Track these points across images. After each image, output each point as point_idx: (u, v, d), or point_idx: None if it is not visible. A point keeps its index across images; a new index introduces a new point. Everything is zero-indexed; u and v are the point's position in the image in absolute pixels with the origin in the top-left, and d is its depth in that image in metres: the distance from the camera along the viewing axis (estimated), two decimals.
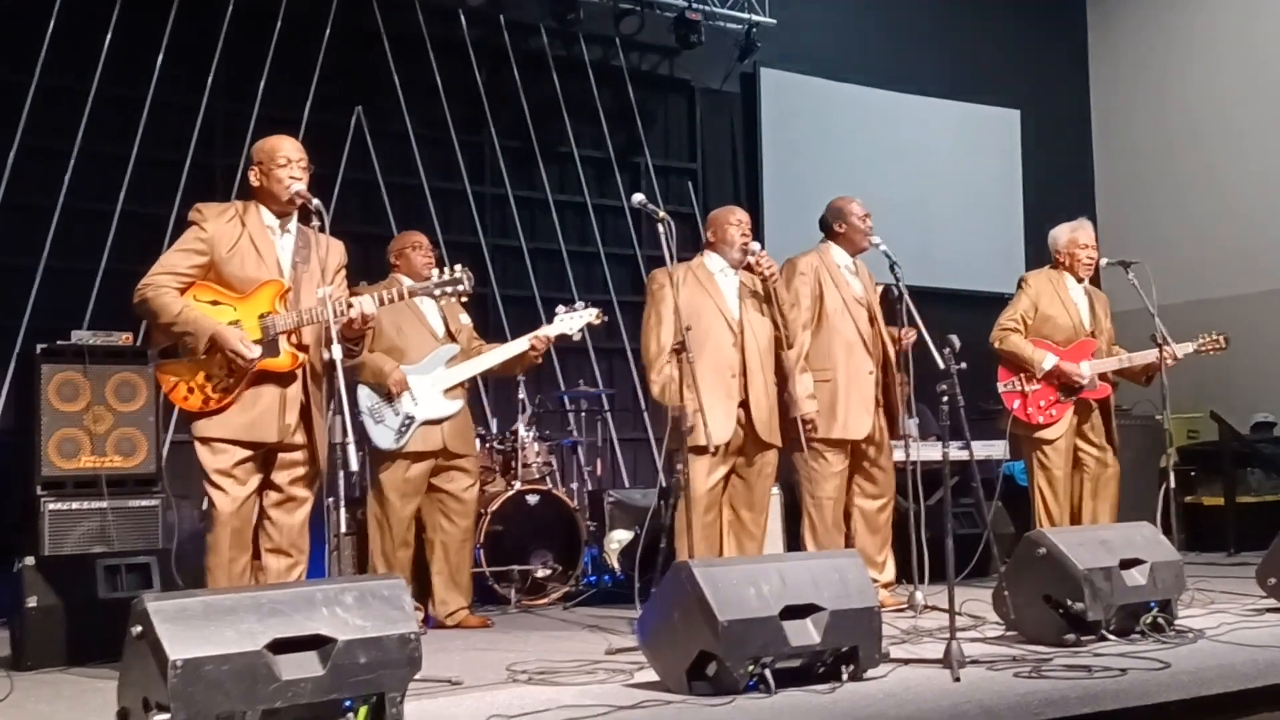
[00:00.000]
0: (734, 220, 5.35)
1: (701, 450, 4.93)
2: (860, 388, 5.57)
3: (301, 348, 4.24)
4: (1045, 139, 10.57)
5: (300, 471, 4.27)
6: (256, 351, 4.12)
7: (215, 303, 4.20)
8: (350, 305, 4.11)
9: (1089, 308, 6.13)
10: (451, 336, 5.57)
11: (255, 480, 4.20)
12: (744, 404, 5.18)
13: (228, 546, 4.13)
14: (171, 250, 4.27)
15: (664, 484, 6.50)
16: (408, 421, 5.35)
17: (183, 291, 4.19)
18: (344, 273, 4.48)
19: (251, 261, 4.23)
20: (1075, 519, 6.03)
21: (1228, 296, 9.27)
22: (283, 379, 4.22)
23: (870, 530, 5.68)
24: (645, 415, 8.19)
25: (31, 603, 4.53)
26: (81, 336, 6.07)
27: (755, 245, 5.29)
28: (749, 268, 5.32)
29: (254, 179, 4.29)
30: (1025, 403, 6.01)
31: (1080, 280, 6.14)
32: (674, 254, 4.95)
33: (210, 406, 4.15)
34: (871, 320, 5.67)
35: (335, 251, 4.40)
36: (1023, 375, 6.03)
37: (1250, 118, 9.72)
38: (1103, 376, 6.04)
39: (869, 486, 5.67)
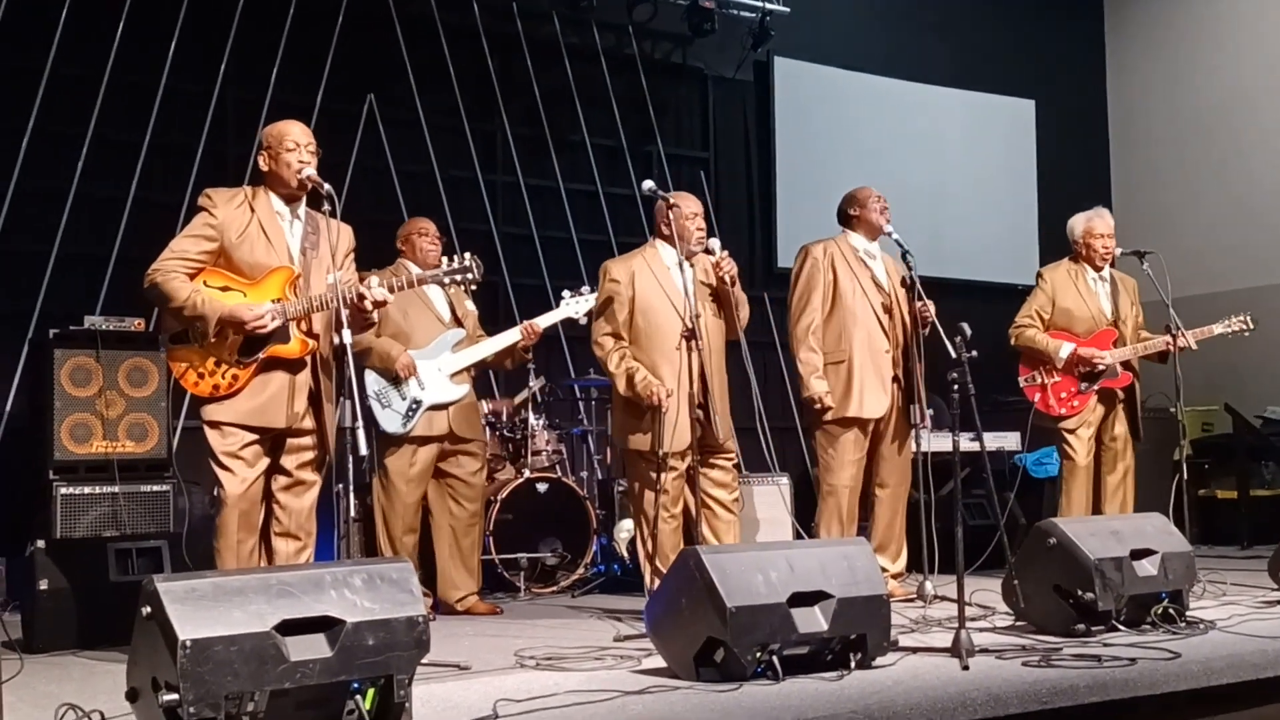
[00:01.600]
0: (689, 214, 5.12)
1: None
2: (876, 367, 5.55)
3: (311, 335, 4.25)
4: (1060, 129, 10.51)
5: (308, 456, 4.29)
6: (268, 307, 4.11)
7: (226, 289, 4.21)
8: (361, 295, 4.12)
9: (1110, 297, 6.10)
10: (458, 321, 5.58)
11: (263, 464, 4.23)
12: (702, 405, 4.99)
13: (236, 528, 4.16)
14: (181, 236, 4.28)
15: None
16: (414, 406, 5.36)
17: (192, 277, 4.20)
18: (353, 257, 4.49)
19: (261, 247, 4.24)
20: (1099, 509, 6.01)
21: (1244, 289, 9.21)
22: (292, 365, 4.23)
23: (886, 518, 5.67)
24: None
25: (43, 585, 4.56)
26: (94, 322, 6.09)
27: (715, 243, 5.12)
28: (706, 254, 5.17)
29: (263, 164, 4.31)
30: (1046, 395, 6.00)
31: (1098, 269, 6.11)
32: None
33: (220, 392, 4.17)
34: (891, 305, 5.64)
35: (344, 236, 4.40)
36: (1042, 368, 6.02)
37: (1268, 108, 9.65)
38: (1126, 365, 6.01)
39: (884, 474, 5.66)
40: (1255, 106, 9.74)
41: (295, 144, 4.24)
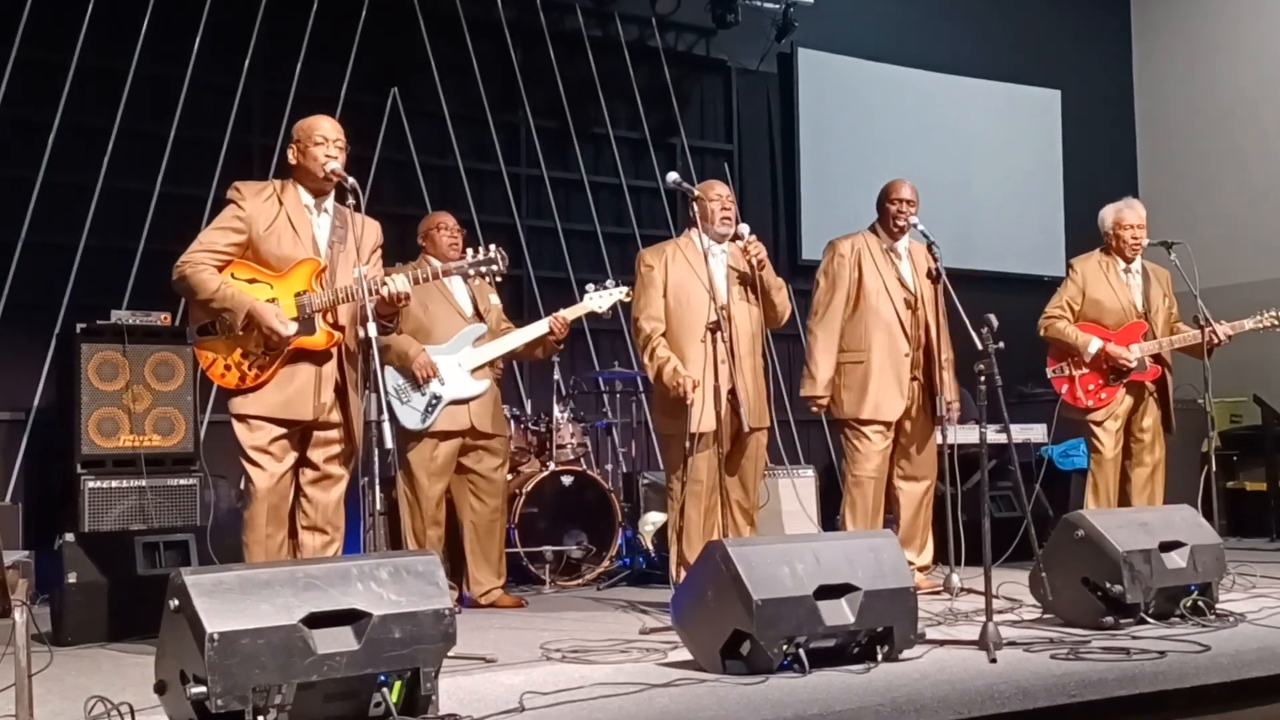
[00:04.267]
0: (713, 195, 5.21)
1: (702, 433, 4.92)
2: (895, 370, 5.54)
3: (337, 326, 4.27)
4: (1087, 120, 10.43)
5: (335, 449, 4.30)
6: (292, 328, 4.15)
7: (253, 280, 4.23)
8: (384, 284, 4.13)
9: (1142, 289, 6.05)
10: (479, 316, 5.58)
11: (291, 457, 4.25)
12: (731, 390, 4.97)
13: (264, 523, 4.18)
14: (210, 228, 4.31)
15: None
16: (434, 402, 5.37)
17: (221, 269, 4.23)
18: (380, 253, 4.50)
19: (288, 240, 4.26)
20: (1125, 502, 5.97)
21: (1271, 279, 9.12)
22: (318, 357, 4.25)
23: (910, 512, 5.65)
24: None
25: (71, 579, 4.60)
26: (121, 316, 6.13)
27: (745, 228, 5.16)
28: (735, 239, 5.21)
29: (292, 157, 4.34)
30: (1073, 387, 5.96)
31: (1129, 261, 6.06)
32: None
33: (247, 384, 4.19)
34: (915, 302, 5.61)
35: (371, 231, 4.42)
36: (1070, 360, 5.98)
37: None
38: (1156, 358, 5.96)
39: (909, 468, 5.64)
40: None
41: (324, 138, 4.27)
